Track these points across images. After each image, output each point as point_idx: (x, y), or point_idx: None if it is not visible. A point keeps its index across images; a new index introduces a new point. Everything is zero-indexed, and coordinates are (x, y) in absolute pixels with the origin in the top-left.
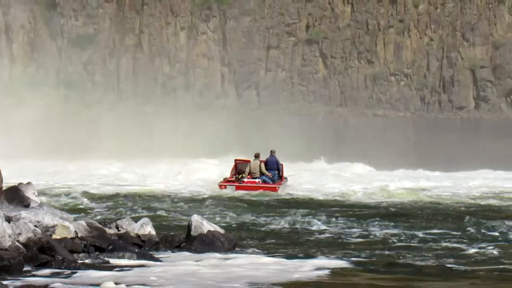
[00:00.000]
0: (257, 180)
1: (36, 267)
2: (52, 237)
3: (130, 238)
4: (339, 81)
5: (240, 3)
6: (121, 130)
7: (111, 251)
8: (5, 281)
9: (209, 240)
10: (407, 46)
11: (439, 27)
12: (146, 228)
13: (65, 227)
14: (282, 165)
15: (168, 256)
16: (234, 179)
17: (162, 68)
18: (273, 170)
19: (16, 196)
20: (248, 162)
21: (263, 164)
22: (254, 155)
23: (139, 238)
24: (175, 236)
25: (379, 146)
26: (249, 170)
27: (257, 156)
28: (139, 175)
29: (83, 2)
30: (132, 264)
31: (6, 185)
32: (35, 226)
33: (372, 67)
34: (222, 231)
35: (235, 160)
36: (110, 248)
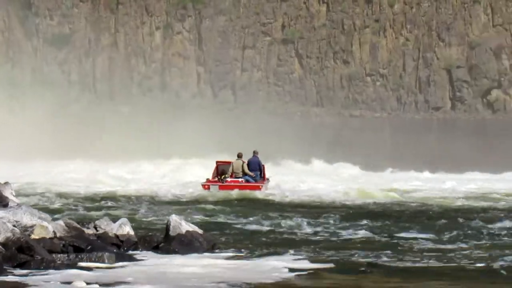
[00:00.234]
0: (240, 179)
1: (15, 267)
2: (31, 237)
3: (109, 238)
4: (315, 81)
5: (215, 2)
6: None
7: (89, 251)
8: None
9: (187, 240)
10: (383, 46)
11: (415, 27)
12: (124, 228)
13: (44, 227)
14: (264, 166)
15: (146, 256)
16: (216, 179)
17: (138, 68)
18: (256, 170)
19: None
20: (229, 163)
21: (245, 164)
22: (237, 155)
23: (117, 238)
24: (154, 236)
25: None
26: (232, 170)
27: (240, 156)
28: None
29: (58, 1)
30: (110, 264)
31: None
32: (14, 226)
33: (348, 67)
34: (201, 231)
35: (217, 162)
36: (88, 248)
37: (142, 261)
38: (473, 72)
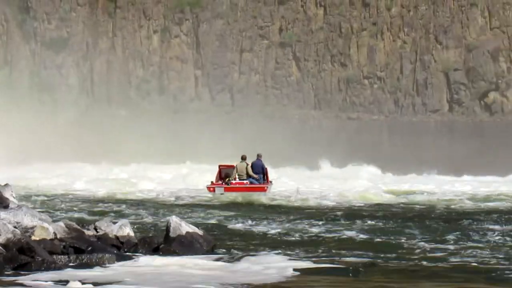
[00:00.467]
0: (245, 181)
1: (16, 268)
2: (31, 238)
3: (109, 240)
4: (313, 84)
5: (213, 6)
6: (96, 133)
7: (90, 252)
8: None
9: (187, 241)
10: (380, 49)
11: (412, 30)
12: (124, 229)
13: (44, 228)
14: (267, 169)
15: (145, 257)
16: (221, 182)
17: (135, 71)
18: (259, 173)
19: None
20: (232, 167)
21: (249, 166)
22: (241, 157)
23: (117, 239)
24: (154, 237)
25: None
26: (236, 172)
27: (244, 158)
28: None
29: (56, 5)
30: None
31: None
32: (14, 227)
33: (345, 70)
34: (201, 232)
35: (219, 166)
36: (89, 249)
37: (141, 262)
38: (471, 74)
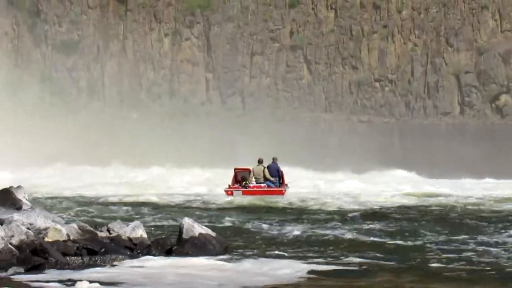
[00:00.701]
0: (262, 184)
1: (29, 269)
2: (45, 239)
3: (122, 241)
4: (324, 87)
5: (223, 9)
6: (107, 136)
7: (103, 254)
8: None
9: (200, 243)
10: (391, 51)
11: (423, 33)
12: (137, 231)
13: (57, 230)
14: (283, 171)
15: (158, 258)
16: (238, 185)
17: (146, 74)
18: (275, 176)
19: (8, 199)
20: (247, 170)
21: (266, 170)
22: (257, 160)
23: (130, 241)
24: (167, 239)
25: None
26: (253, 175)
27: (261, 161)
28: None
29: (66, 8)
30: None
31: None
32: (28, 228)
33: (356, 72)
34: (214, 234)
35: (235, 169)
36: (102, 251)
37: (154, 263)
38: (482, 77)
